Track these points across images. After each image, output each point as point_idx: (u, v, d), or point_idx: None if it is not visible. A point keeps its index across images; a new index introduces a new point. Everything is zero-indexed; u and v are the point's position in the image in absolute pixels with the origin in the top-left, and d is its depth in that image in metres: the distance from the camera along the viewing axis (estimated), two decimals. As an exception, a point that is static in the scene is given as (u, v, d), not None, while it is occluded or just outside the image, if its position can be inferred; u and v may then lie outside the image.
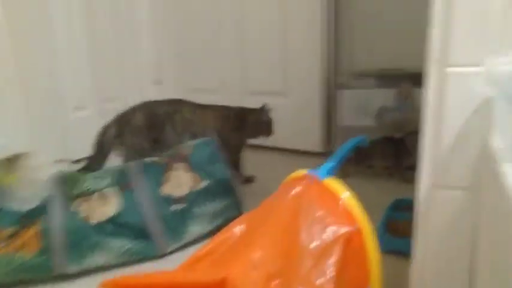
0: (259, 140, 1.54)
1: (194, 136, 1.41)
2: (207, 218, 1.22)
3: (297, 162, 1.68)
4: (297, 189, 0.84)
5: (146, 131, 1.44)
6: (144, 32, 2.13)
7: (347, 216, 0.78)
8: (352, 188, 0.80)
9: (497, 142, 0.56)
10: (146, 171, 1.22)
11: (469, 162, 0.62)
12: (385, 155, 1.47)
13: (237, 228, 0.84)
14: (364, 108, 1.56)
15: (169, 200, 1.18)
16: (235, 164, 1.52)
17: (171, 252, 1.18)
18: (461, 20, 0.61)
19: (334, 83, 1.40)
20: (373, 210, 0.83)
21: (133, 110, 1.47)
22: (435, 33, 0.64)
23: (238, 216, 1.28)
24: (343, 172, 1.54)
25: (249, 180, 1.60)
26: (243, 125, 1.46)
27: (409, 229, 1.11)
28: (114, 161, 1.45)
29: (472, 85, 0.61)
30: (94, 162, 1.42)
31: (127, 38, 2.09)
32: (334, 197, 0.81)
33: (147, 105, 1.48)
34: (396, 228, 1.13)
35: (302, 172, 0.89)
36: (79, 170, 1.43)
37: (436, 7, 0.63)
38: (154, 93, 2.19)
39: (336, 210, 0.79)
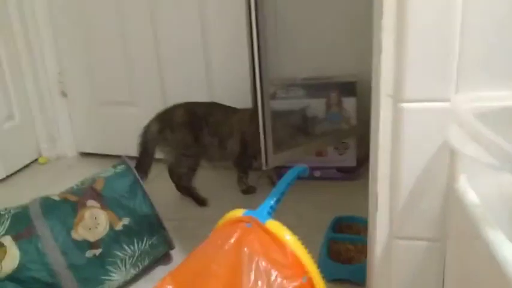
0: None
1: (222, 139, 1.45)
2: (131, 260, 1.06)
3: (230, 177, 1.57)
4: (235, 236, 0.73)
5: (187, 128, 1.45)
6: (46, 43, 1.87)
7: (295, 265, 0.69)
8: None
9: (466, 189, 0.50)
10: (51, 212, 1.02)
11: (432, 210, 0.55)
12: None
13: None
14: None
15: (84, 245, 1.01)
16: (246, 167, 1.52)
17: (90, 306, 1.01)
18: (416, 50, 0.53)
19: (263, 93, 1.31)
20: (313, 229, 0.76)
21: (175, 108, 1.48)
22: (385, 63, 0.56)
23: (167, 254, 1.18)
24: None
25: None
26: None
27: (353, 254, 1.07)
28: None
29: (432, 122, 0.54)
30: (142, 162, 1.43)
31: (23, 49, 1.84)
32: (278, 244, 0.71)
33: (187, 104, 1.49)
34: (338, 251, 1.06)
35: (238, 213, 0.78)
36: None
37: (385, 34, 0.55)
38: (60, 106, 1.95)
39: (282, 260, 0.69)
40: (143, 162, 1.44)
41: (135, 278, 1.09)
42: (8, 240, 0.96)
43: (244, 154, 1.48)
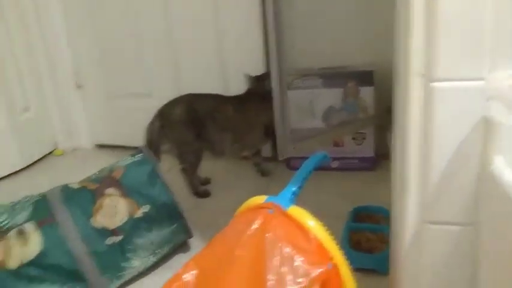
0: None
1: (236, 134, 1.43)
2: (151, 248, 1.06)
3: (245, 167, 1.57)
4: (258, 222, 0.72)
5: (186, 126, 1.41)
6: (61, 36, 1.88)
7: (319, 251, 0.68)
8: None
9: (503, 169, 0.48)
10: (71, 200, 1.03)
11: (466, 192, 0.53)
12: None
13: (188, 275, 0.70)
14: (311, 110, 1.47)
15: (103, 233, 1.01)
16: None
17: (111, 293, 1.01)
18: (448, 27, 0.51)
19: (280, 83, 1.30)
20: (332, 219, 0.75)
21: (173, 104, 1.44)
22: (415, 42, 0.54)
23: (185, 242, 1.18)
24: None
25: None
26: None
27: (373, 243, 1.05)
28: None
29: (465, 102, 0.52)
30: None
31: (40, 42, 1.86)
32: (301, 230, 0.70)
33: (187, 99, 1.45)
34: (358, 241, 1.05)
35: (260, 199, 0.77)
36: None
37: (415, 11, 0.53)
38: (75, 98, 1.96)
39: (306, 246, 0.68)
40: None
41: (155, 266, 1.10)
42: (30, 227, 0.97)
43: (267, 139, 1.49)
